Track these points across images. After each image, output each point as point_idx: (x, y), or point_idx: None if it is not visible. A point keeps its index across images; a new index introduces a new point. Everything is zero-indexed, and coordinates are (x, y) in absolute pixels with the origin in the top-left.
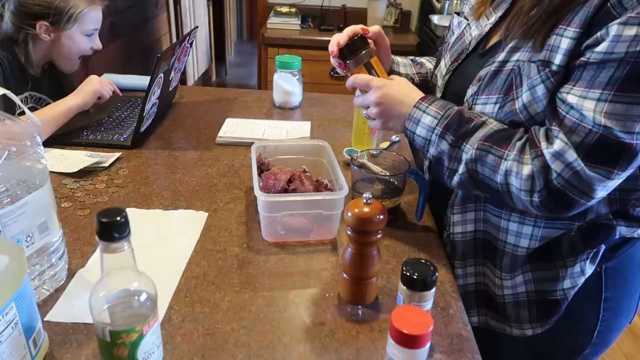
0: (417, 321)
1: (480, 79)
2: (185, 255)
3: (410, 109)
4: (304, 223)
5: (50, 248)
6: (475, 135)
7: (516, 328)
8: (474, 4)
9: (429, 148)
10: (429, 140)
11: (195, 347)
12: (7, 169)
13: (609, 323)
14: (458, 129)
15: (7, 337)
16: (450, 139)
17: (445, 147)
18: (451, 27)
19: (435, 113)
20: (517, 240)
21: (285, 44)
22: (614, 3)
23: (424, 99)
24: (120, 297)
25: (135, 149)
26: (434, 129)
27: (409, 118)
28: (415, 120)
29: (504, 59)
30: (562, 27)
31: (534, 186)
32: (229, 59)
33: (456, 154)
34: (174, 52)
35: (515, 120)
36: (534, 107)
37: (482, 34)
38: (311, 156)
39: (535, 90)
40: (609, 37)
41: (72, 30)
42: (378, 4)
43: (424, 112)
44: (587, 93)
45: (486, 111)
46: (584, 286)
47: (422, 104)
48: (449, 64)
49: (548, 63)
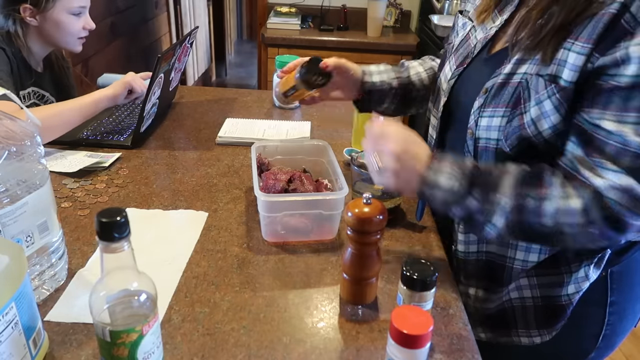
0: (417, 321)
1: (486, 91)
2: (185, 255)
3: (423, 169)
4: (304, 223)
5: (50, 248)
6: (503, 185)
7: (524, 336)
8: (477, 5)
9: (454, 208)
10: (452, 202)
11: (195, 347)
12: (7, 169)
13: (614, 327)
14: (483, 184)
15: (7, 337)
16: (477, 195)
17: (473, 205)
18: (455, 27)
19: (451, 171)
20: (526, 255)
21: (285, 44)
22: (627, 18)
23: (434, 158)
24: (120, 297)
25: (135, 149)
26: (456, 189)
27: (424, 182)
28: (432, 184)
29: (511, 70)
30: (569, 41)
31: (590, 218)
32: (229, 59)
33: (489, 208)
34: (174, 52)
35: (523, 135)
36: (542, 123)
37: (488, 37)
38: (311, 156)
39: (543, 105)
40: (633, 59)
41: (56, 10)
42: (378, 4)
43: (438, 172)
44: (624, 117)
45: (493, 124)
46: (589, 290)
47: (434, 163)
48: (454, 68)
49: (555, 78)
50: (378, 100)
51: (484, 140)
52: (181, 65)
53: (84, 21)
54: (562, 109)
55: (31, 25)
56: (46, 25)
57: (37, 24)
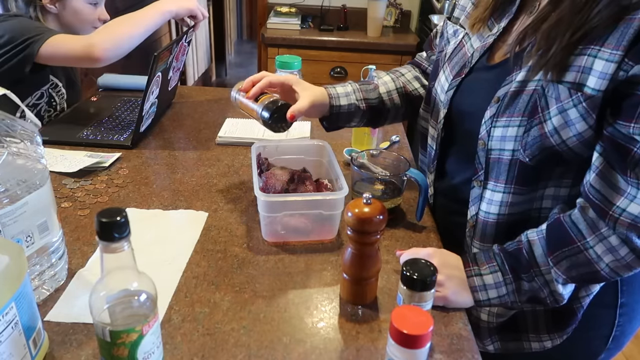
0: (417, 321)
1: (499, 100)
2: (185, 255)
3: (466, 278)
4: (304, 223)
5: (50, 248)
6: (537, 256)
7: (535, 341)
8: (470, 13)
9: (510, 301)
10: (506, 294)
11: (195, 347)
12: (7, 169)
13: (624, 328)
14: (523, 265)
15: (7, 337)
16: (525, 277)
17: (527, 287)
18: (445, 34)
19: (490, 268)
20: None
21: (285, 44)
22: None
23: (467, 265)
24: (120, 297)
25: (135, 149)
26: (503, 283)
27: (474, 289)
28: (480, 287)
29: (525, 78)
30: (594, 48)
31: (631, 246)
32: (229, 59)
33: (542, 283)
34: (171, 51)
35: (545, 144)
36: (566, 131)
37: (486, 45)
38: (311, 156)
39: (567, 114)
40: None
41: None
42: (378, 4)
43: (480, 275)
44: None
45: (508, 134)
46: (600, 293)
47: (471, 269)
48: (451, 79)
49: (580, 86)
50: (346, 120)
51: (497, 151)
52: (179, 65)
53: (99, 12)
54: (589, 117)
55: (51, 13)
56: (65, 12)
57: (56, 11)
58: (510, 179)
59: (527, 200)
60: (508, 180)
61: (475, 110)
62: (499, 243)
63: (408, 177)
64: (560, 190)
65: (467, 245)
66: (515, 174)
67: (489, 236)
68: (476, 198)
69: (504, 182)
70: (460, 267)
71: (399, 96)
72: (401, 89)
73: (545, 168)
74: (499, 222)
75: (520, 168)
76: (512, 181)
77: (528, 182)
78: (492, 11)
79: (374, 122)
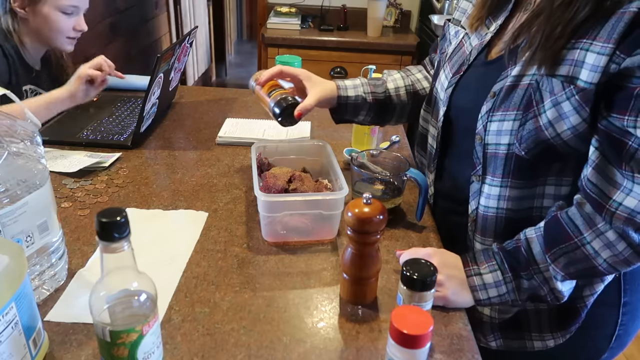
0: (417, 321)
1: (494, 95)
2: (185, 255)
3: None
4: (304, 223)
5: (50, 248)
6: (536, 253)
7: (537, 340)
8: (470, 14)
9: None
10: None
11: (195, 347)
12: (7, 169)
13: (627, 327)
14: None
15: (7, 337)
16: (524, 275)
17: (527, 285)
18: (447, 36)
19: (489, 267)
20: None
21: (285, 44)
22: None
23: (467, 264)
24: (120, 297)
25: (135, 149)
26: (503, 282)
27: (473, 288)
28: (480, 286)
29: (520, 72)
30: (586, 42)
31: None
32: (229, 59)
33: (542, 281)
34: (173, 52)
35: (540, 137)
36: (560, 124)
37: (484, 43)
38: (311, 156)
39: (561, 107)
40: None
41: (46, 6)
42: (378, 4)
43: (479, 274)
44: None
45: (504, 128)
46: (603, 292)
47: (471, 268)
48: (450, 77)
49: (573, 79)
50: (353, 113)
51: (494, 145)
52: (181, 65)
53: (75, 21)
54: (583, 110)
55: (25, 22)
56: (35, 19)
57: (25, 16)
58: (507, 173)
59: (527, 197)
60: (505, 175)
61: (473, 106)
62: (501, 239)
63: (408, 177)
64: (561, 189)
65: (470, 240)
66: (511, 168)
67: (490, 231)
68: (475, 193)
69: (501, 176)
70: (459, 266)
71: (407, 94)
72: (410, 87)
73: (541, 163)
74: (499, 217)
75: (516, 162)
76: (509, 175)
77: (525, 176)
78: (489, 9)
79: (381, 118)
